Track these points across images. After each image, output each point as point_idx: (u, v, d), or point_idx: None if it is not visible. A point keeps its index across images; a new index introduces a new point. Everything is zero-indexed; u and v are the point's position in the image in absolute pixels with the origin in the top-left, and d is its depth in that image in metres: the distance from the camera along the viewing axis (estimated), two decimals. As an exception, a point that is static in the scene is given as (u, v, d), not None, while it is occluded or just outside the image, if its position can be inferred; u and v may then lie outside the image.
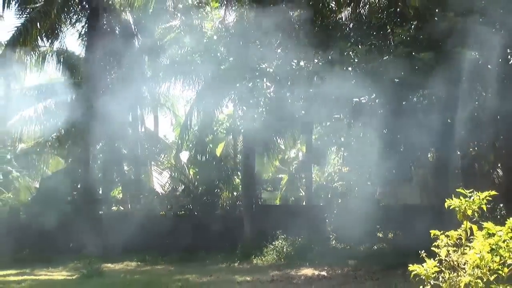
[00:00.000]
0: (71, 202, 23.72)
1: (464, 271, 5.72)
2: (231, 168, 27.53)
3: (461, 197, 6.02)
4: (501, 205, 17.36)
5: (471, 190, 6.08)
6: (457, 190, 6.18)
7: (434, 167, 19.75)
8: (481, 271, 5.57)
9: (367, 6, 20.57)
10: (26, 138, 30.65)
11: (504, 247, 5.51)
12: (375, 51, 17.79)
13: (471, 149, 19.49)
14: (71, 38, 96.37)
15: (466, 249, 5.80)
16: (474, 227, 5.79)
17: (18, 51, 24.85)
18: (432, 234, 6.02)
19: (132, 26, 26.09)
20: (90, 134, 23.77)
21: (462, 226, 5.93)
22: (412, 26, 17.77)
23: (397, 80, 17.23)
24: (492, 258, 5.52)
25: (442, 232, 5.98)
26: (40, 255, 20.64)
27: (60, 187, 23.63)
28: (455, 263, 5.82)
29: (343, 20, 21.00)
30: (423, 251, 6.02)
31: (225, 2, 24.42)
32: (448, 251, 5.87)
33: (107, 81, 26.90)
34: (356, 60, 18.33)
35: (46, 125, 27.24)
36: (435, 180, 18.66)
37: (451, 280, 5.80)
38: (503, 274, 5.53)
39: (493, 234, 5.56)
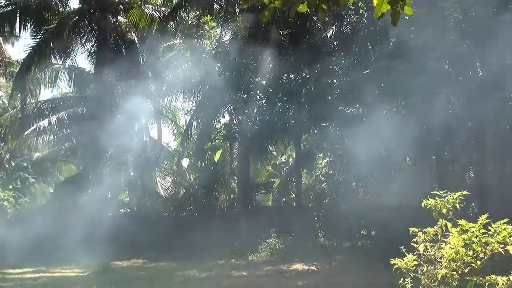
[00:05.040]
0: (82, 206, 23.58)
1: (440, 264, 5.71)
2: (228, 173, 27.48)
3: (436, 198, 6.02)
4: (473, 204, 17.36)
5: (445, 190, 6.08)
6: (432, 192, 6.18)
7: (412, 169, 19.77)
8: (456, 264, 5.57)
9: (350, 25, 20.63)
10: (41, 148, 30.57)
11: (477, 242, 5.50)
12: (358, 65, 17.85)
13: (445, 153, 19.51)
14: (82, 56, 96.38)
15: (442, 244, 5.79)
16: (449, 224, 5.78)
17: (34, 68, 24.81)
18: (411, 231, 6.01)
19: (137, 44, 26.05)
20: (99, 143, 23.68)
21: (438, 223, 5.92)
22: (391, 43, 17.84)
23: (377, 91, 17.29)
24: (466, 252, 5.52)
25: (420, 229, 5.98)
26: (54, 254, 20.50)
27: (73, 191, 23.51)
28: (433, 257, 5.81)
29: (329, 37, 21.06)
30: (403, 246, 6.01)
31: (221, 22, 24.47)
32: (426, 246, 5.87)
33: (114, 95, 26.85)
34: (340, 73, 18.39)
35: (60, 136, 27.14)
36: (413, 181, 18.67)
37: (429, 273, 5.79)
38: (476, 267, 5.52)
39: (467, 230, 5.56)
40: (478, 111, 15.89)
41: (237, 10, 23.51)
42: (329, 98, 18.16)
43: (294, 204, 27.45)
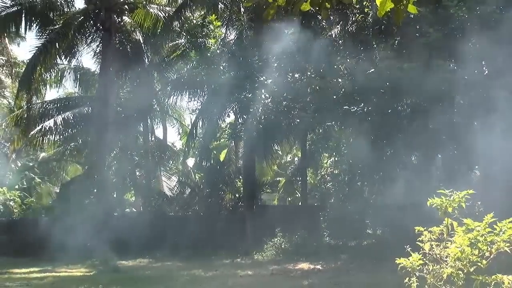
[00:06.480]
0: (88, 205, 23.64)
1: (446, 263, 5.68)
2: (233, 172, 27.47)
3: (442, 197, 5.99)
4: (479, 203, 17.29)
5: (451, 190, 6.05)
6: (438, 191, 6.15)
7: (418, 168, 19.71)
8: (461, 263, 5.54)
9: (355, 24, 20.60)
10: (47, 147, 30.63)
11: (482, 241, 5.48)
12: (363, 64, 17.81)
13: (451, 152, 19.44)
14: (87, 56, 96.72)
15: (447, 243, 5.76)
16: (455, 223, 5.75)
17: (39, 68, 24.87)
18: (416, 230, 5.99)
19: (142, 44, 26.08)
20: (105, 143, 23.73)
21: (444, 222, 5.89)
22: (396, 42, 17.79)
23: (382, 90, 17.26)
24: (471, 251, 5.49)
25: (425, 228, 5.95)
26: (60, 253, 20.55)
27: (78, 191, 23.57)
28: (438, 256, 5.78)
29: (334, 36, 21.03)
30: (409, 245, 5.99)
31: (226, 22, 24.49)
32: (432, 245, 5.84)
33: (119, 94, 26.90)
34: (345, 72, 18.37)
35: (65, 135, 27.21)
36: (419, 180, 18.60)
37: (434, 272, 5.76)
38: (482, 266, 5.49)
39: (472, 229, 5.53)
40: (483, 110, 15.83)
41: (242, 9, 23.52)
42: (334, 97, 18.13)
43: (300, 203, 27.46)
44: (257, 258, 19.45)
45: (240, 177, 26.71)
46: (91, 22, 25.52)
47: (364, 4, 18.79)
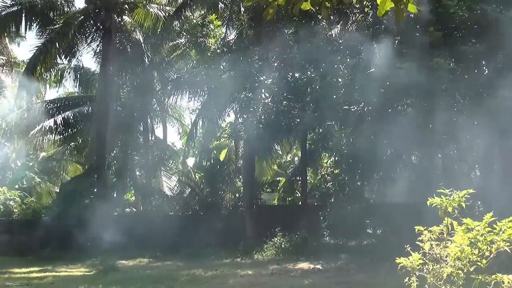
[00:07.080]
0: (88, 205, 23.64)
1: (446, 263, 5.68)
2: (233, 172, 27.49)
3: (442, 196, 5.99)
4: (479, 202, 17.30)
5: (451, 189, 6.06)
6: (438, 190, 6.15)
7: (418, 168, 19.71)
8: (461, 263, 5.54)
9: (355, 23, 20.60)
10: (47, 147, 30.63)
11: (482, 241, 5.47)
12: (363, 64, 17.82)
13: (451, 152, 19.45)
14: (87, 56, 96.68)
15: (447, 243, 5.76)
16: (455, 223, 5.75)
17: (39, 68, 24.89)
18: (416, 230, 5.99)
19: (142, 44, 26.11)
20: (105, 142, 23.73)
21: (444, 222, 5.89)
22: (396, 42, 17.80)
23: (382, 90, 17.25)
24: (471, 251, 5.49)
25: (425, 227, 5.95)
26: (60, 253, 20.57)
27: (78, 191, 23.55)
28: (438, 255, 5.78)
29: (334, 36, 21.04)
30: (409, 245, 5.99)
31: (226, 21, 24.50)
32: (431, 245, 5.83)
33: (119, 94, 26.90)
34: (345, 72, 18.38)
35: (65, 135, 27.21)
36: (419, 180, 18.61)
37: (434, 271, 5.76)
38: (482, 265, 5.49)
39: (472, 229, 5.53)
40: (484, 110, 15.83)
41: (242, 9, 23.54)
42: (334, 97, 18.14)
43: (300, 203, 27.44)
44: (257, 258, 19.44)
45: (240, 176, 26.73)
46: (91, 21, 25.54)
47: (364, 3, 18.79)
